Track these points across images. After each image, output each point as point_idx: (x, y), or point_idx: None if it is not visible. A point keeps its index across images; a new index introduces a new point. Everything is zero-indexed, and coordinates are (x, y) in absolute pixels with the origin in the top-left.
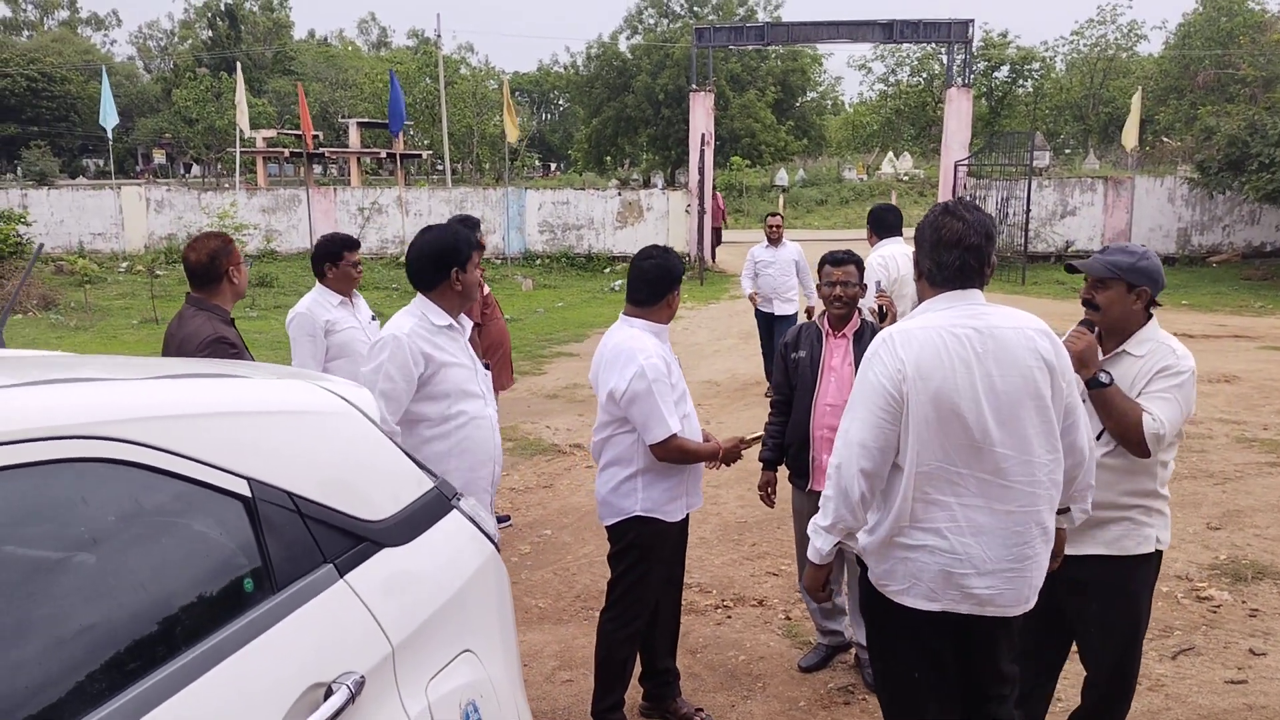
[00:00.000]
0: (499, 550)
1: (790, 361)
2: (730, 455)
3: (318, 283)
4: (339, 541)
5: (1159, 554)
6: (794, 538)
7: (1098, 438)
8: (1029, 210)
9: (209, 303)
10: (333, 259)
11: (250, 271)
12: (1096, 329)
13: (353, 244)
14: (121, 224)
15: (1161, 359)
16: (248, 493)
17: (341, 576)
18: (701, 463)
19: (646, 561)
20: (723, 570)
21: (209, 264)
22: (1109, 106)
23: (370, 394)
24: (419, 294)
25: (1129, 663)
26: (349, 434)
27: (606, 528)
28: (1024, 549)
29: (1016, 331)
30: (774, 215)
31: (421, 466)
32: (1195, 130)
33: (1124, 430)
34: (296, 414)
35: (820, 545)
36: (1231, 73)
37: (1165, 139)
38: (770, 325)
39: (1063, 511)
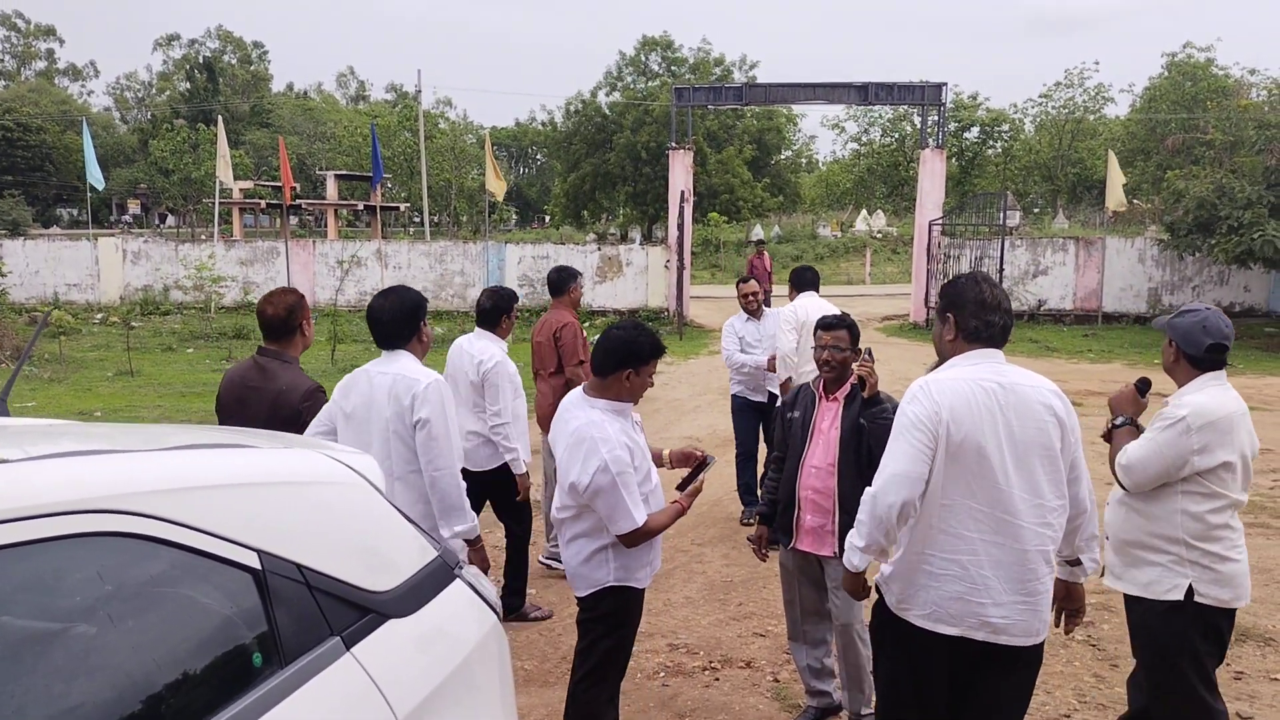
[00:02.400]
0: (501, 619)
1: (786, 421)
2: (688, 505)
3: (485, 330)
4: (346, 613)
5: (1201, 607)
6: (781, 595)
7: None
8: (1003, 269)
9: (287, 354)
10: (508, 311)
11: (230, 324)
12: (1149, 387)
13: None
14: (98, 275)
15: (1166, 412)
16: (258, 565)
17: (348, 649)
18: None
19: (624, 627)
20: (710, 631)
21: (286, 317)
22: (1076, 167)
23: (377, 463)
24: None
25: (1159, 703)
26: (356, 504)
27: (579, 598)
28: (1035, 584)
29: (1034, 390)
30: (746, 281)
31: (425, 535)
32: (1163, 192)
33: (1110, 464)
34: (305, 484)
35: (856, 562)
36: (1198, 136)
37: (1135, 200)
38: (760, 414)
39: (1074, 564)
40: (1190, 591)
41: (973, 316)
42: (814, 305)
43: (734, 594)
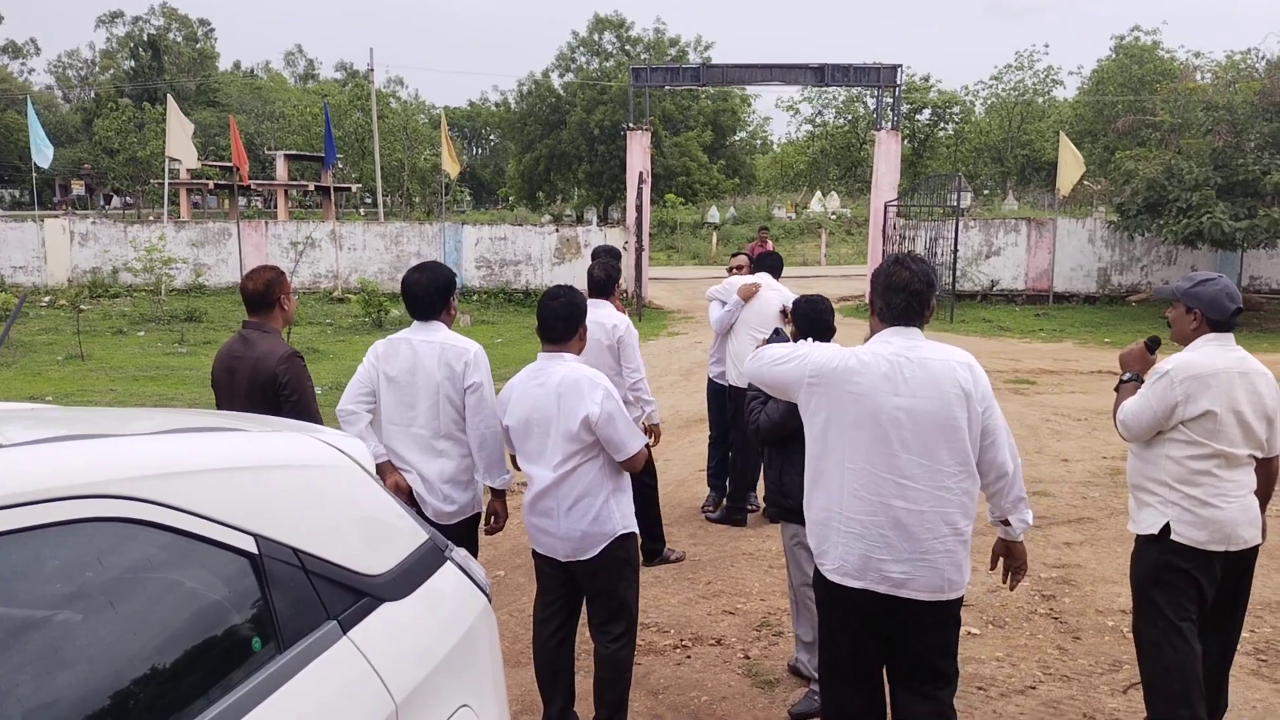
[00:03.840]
0: (490, 601)
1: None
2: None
3: (599, 299)
4: (341, 597)
5: (1173, 544)
6: (748, 575)
7: None
8: (956, 250)
9: (268, 326)
10: (617, 281)
11: (182, 306)
12: (1159, 345)
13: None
14: (44, 257)
15: (1158, 367)
16: (255, 549)
17: (345, 633)
18: None
19: (636, 572)
20: (679, 610)
21: (264, 291)
22: (1026, 149)
23: (366, 446)
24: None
25: (1138, 628)
26: (348, 487)
27: (585, 561)
28: (935, 543)
29: (942, 363)
30: (736, 255)
31: (415, 517)
32: (1112, 173)
33: (1114, 417)
34: (298, 468)
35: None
36: (1146, 118)
37: (1084, 181)
38: (735, 400)
39: (1005, 523)
40: (1167, 528)
41: (879, 297)
42: (773, 303)
43: (702, 573)
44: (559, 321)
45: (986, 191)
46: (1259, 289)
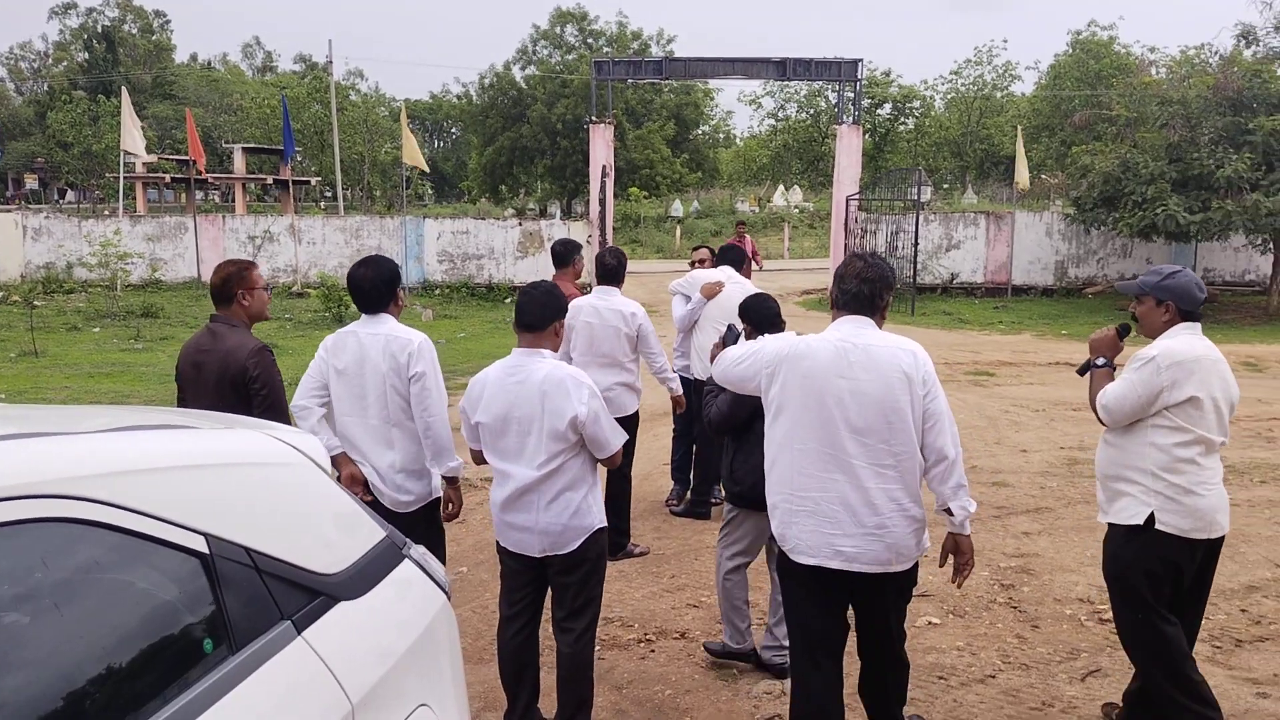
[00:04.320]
0: (450, 598)
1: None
2: None
3: (609, 286)
4: (296, 597)
5: (1160, 535)
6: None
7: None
8: (917, 243)
9: (234, 319)
10: (625, 268)
11: (138, 302)
12: (1129, 332)
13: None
14: None
15: (1141, 353)
16: (206, 549)
17: (299, 633)
18: None
19: (605, 567)
20: (643, 604)
21: (221, 286)
22: (985, 144)
23: (320, 440)
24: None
25: (1119, 617)
26: (303, 485)
27: (563, 555)
28: (880, 519)
29: (887, 350)
30: (698, 249)
31: (371, 515)
32: (1069, 167)
33: (1091, 402)
34: (250, 466)
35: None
36: (1102, 113)
37: (1041, 175)
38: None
39: (948, 512)
40: (1151, 518)
41: (836, 288)
42: (710, 275)
43: (666, 567)
44: (538, 307)
45: (946, 185)
46: (1213, 280)
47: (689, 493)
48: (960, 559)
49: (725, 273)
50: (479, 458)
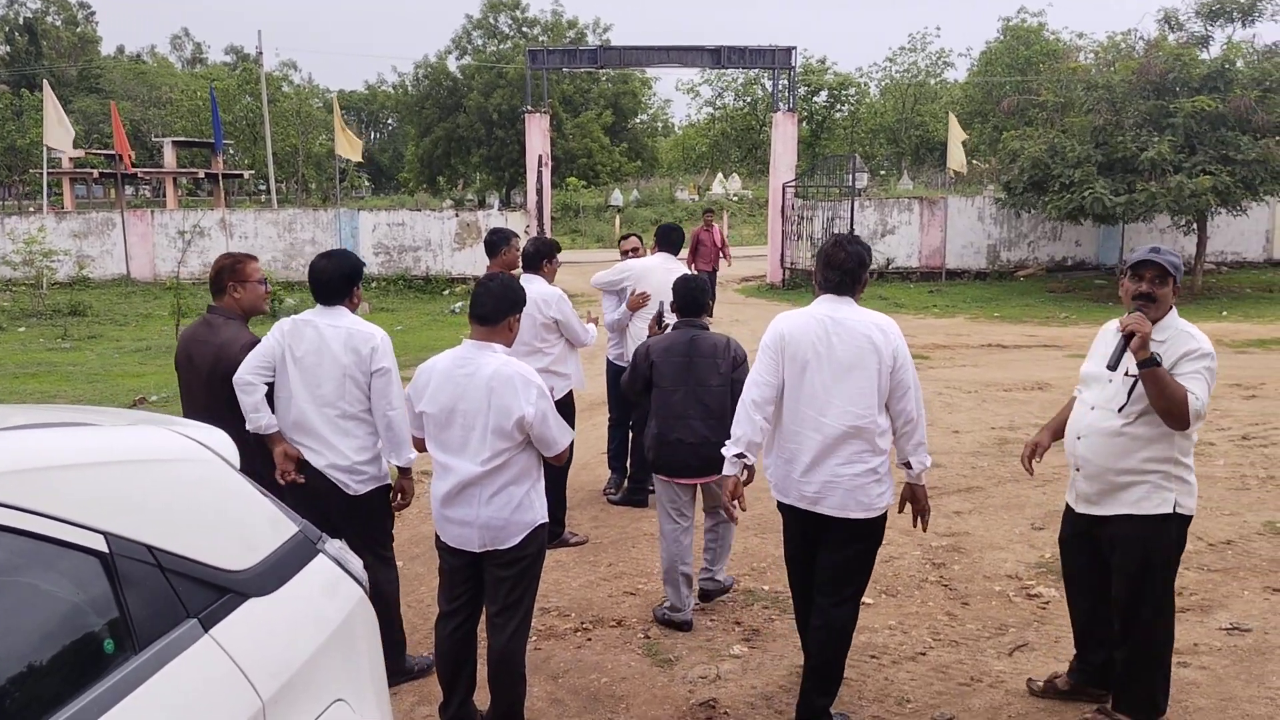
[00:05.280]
0: (368, 593)
1: None
2: None
3: (531, 274)
4: (202, 594)
5: (1180, 518)
6: (650, 556)
7: (1119, 410)
8: (853, 230)
9: (228, 311)
10: (549, 257)
11: (65, 300)
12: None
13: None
14: None
15: (1184, 344)
16: (105, 548)
17: (206, 631)
18: None
19: (541, 563)
20: (580, 593)
21: (215, 278)
22: (919, 130)
23: (228, 437)
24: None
25: (1149, 599)
26: (207, 481)
27: (503, 550)
28: (843, 468)
29: (860, 323)
30: (627, 238)
31: (284, 510)
32: (1000, 153)
33: (1171, 406)
34: (153, 463)
35: (725, 453)
36: (1031, 98)
37: (974, 161)
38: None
39: (907, 465)
40: (1175, 504)
41: (819, 272)
42: (656, 271)
43: (604, 555)
44: (493, 300)
45: (883, 172)
46: None
47: (626, 480)
48: (917, 505)
49: (662, 259)
50: (421, 445)
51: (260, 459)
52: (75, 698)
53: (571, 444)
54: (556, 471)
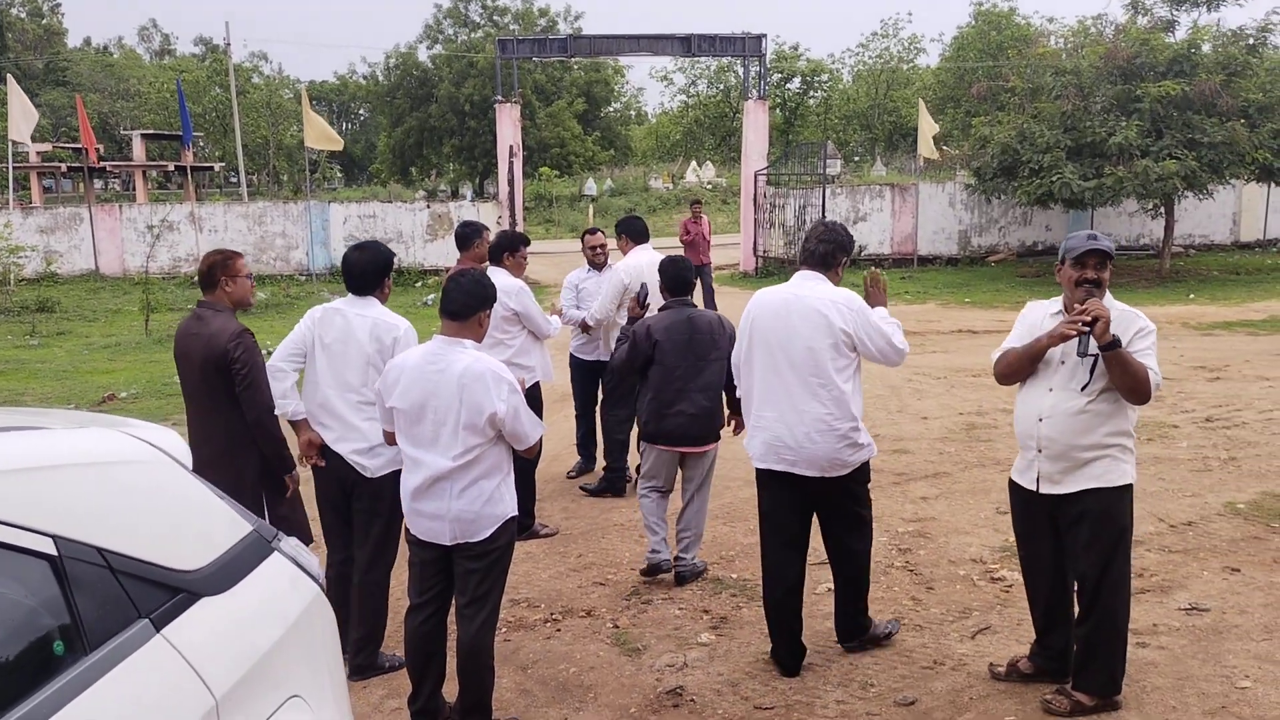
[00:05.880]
0: (324, 590)
1: None
2: None
3: (496, 267)
4: (154, 595)
5: (1131, 486)
6: (619, 546)
7: (1082, 389)
8: (824, 216)
9: (219, 304)
10: (513, 250)
11: (32, 297)
12: None
13: (526, 240)
14: None
15: (1132, 322)
16: (53, 551)
17: (158, 631)
18: None
19: (510, 555)
20: (550, 584)
21: (207, 273)
22: (892, 116)
23: (180, 437)
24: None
25: (1114, 572)
26: (159, 482)
27: (474, 543)
28: (813, 434)
29: (818, 299)
30: (594, 233)
31: (238, 509)
32: (971, 138)
33: (1136, 384)
34: (102, 465)
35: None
36: (1001, 84)
37: (945, 146)
38: (595, 377)
39: None
40: (1130, 475)
41: (801, 246)
42: (647, 265)
43: (574, 546)
44: (463, 295)
45: (857, 158)
46: None
47: (605, 471)
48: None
49: (643, 252)
50: (391, 439)
51: (264, 443)
52: (24, 700)
53: (542, 437)
54: (526, 463)
